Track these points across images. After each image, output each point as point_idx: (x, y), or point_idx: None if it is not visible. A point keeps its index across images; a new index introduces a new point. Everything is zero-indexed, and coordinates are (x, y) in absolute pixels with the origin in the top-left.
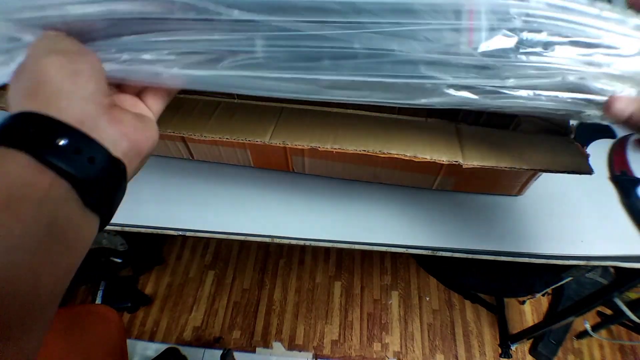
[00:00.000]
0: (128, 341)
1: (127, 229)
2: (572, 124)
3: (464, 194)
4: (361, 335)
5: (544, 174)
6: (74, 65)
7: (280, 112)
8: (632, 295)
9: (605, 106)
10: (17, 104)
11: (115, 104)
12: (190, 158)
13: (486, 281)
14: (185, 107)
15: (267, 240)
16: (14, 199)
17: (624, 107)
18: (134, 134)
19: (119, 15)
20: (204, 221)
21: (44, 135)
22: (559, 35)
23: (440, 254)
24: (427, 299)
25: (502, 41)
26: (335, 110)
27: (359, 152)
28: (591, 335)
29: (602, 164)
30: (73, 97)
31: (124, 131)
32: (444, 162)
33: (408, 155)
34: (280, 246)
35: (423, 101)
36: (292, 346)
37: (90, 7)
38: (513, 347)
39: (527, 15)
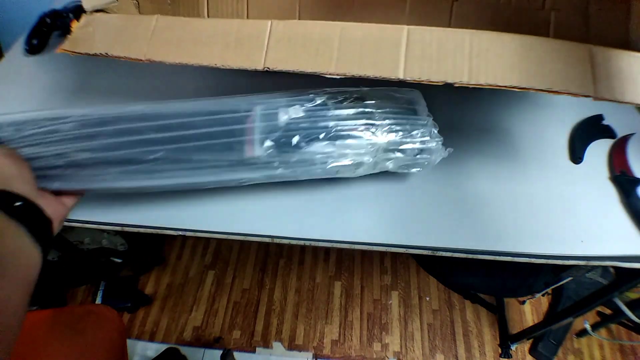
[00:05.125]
0: (128, 341)
1: (127, 229)
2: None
3: (462, 191)
4: (361, 335)
5: (544, 175)
6: (14, 162)
7: None
8: (632, 295)
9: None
10: None
11: (41, 189)
12: None
13: (486, 281)
14: None
15: (267, 240)
16: None
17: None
18: (55, 211)
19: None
20: (204, 221)
21: (4, 201)
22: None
23: (440, 254)
24: (427, 299)
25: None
26: None
27: None
28: (591, 335)
29: (602, 164)
30: (18, 181)
31: (49, 208)
32: None
33: None
34: (280, 246)
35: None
36: (292, 346)
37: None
38: (513, 347)
39: (287, 125)
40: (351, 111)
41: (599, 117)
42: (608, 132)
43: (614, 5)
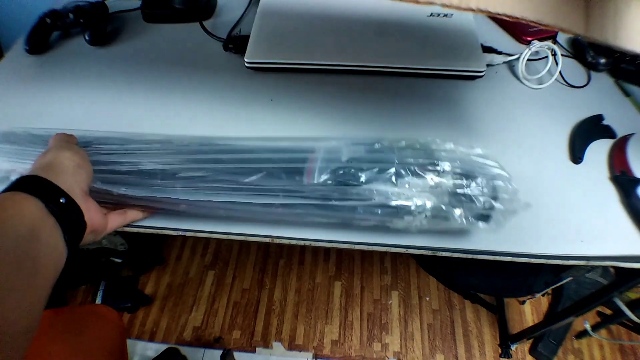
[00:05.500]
0: (128, 341)
1: (127, 229)
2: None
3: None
4: (361, 335)
5: (544, 175)
6: (78, 162)
7: None
8: (632, 295)
9: None
10: (35, 170)
11: (89, 196)
12: None
13: (486, 281)
14: None
15: (267, 240)
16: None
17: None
18: (92, 219)
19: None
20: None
21: (51, 194)
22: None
23: (440, 254)
24: (427, 299)
25: (326, 176)
26: None
27: None
28: (591, 335)
29: (602, 164)
30: (72, 180)
31: (88, 214)
32: None
33: None
34: (280, 246)
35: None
36: (292, 346)
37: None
38: (513, 347)
39: (348, 162)
40: (416, 153)
41: (599, 117)
42: (608, 132)
43: None
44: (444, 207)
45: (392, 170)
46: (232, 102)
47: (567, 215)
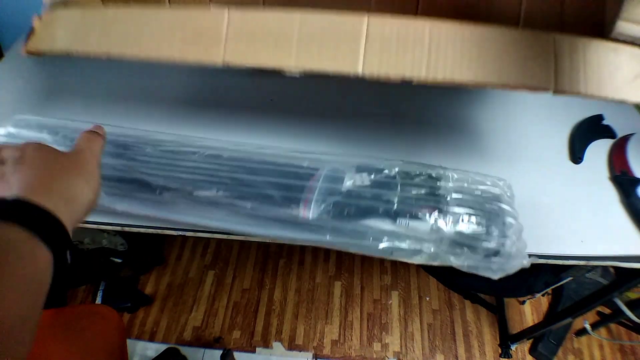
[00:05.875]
0: (128, 341)
1: (127, 229)
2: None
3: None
4: (361, 335)
5: (542, 176)
6: (92, 200)
7: None
8: (632, 295)
9: None
10: (53, 200)
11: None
12: None
13: (486, 281)
14: None
15: (267, 240)
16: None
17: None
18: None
19: None
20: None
21: (64, 248)
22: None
23: None
24: (427, 299)
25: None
26: None
27: None
28: (591, 335)
29: (602, 164)
30: (79, 217)
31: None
32: None
33: None
34: (280, 246)
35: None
36: (292, 346)
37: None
38: (513, 347)
39: (348, 191)
40: (420, 191)
41: (599, 117)
42: (608, 132)
43: None
44: (441, 254)
45: (393, 208)
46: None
47: (567, 215)
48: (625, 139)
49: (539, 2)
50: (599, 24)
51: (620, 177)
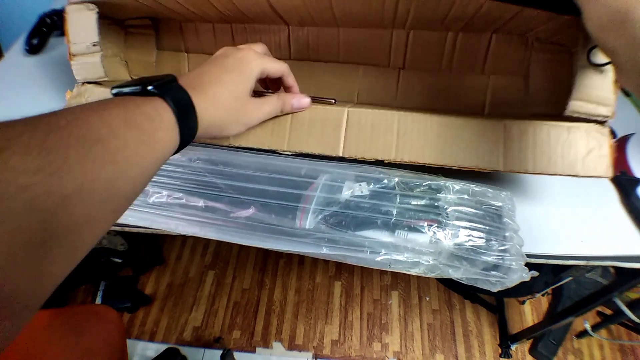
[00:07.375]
0: (128, 341)
1: (127, 229)
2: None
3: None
4: (361, 335)
5: (542, 176)
6: (246, 92)
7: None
8: (632, 295)
9: None
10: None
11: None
12: None
13: None
14: None
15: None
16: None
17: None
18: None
19: None
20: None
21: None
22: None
23: None
24: (427, 299)
25: (320, 219)
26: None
27: None
28: (591, 335)
29: None
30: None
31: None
32: None
33: None
34: None
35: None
36: (292, 346)
37: None
38: (513, 347)
39: (347, 201)
40: (420, 202)
41: None
42: None
43: (555, 66)
44: (440, 267)
45: (392, 219)
46: None
47: (567, 215)
48: (625, 139)
49: (504, 85)
50: (561, 103)
51: (620, 177)
